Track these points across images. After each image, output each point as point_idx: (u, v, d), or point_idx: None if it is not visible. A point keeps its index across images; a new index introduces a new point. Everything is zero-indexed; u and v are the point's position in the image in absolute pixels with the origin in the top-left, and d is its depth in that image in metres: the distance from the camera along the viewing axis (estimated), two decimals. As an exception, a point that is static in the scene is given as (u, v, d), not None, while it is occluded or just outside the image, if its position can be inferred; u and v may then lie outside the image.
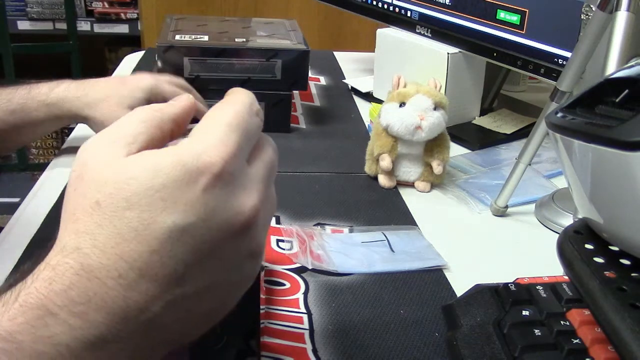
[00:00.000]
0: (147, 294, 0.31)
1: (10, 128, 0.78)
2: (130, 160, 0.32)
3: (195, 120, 0.36)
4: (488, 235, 0.73)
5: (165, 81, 0.84)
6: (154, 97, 0.81)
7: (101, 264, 0.30)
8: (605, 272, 0.39)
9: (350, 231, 0.71)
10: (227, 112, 0.35)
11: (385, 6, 1.09)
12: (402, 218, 0.75)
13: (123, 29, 2.30)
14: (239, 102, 0.36)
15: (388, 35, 1.06)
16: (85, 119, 0.81)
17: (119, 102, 0.80)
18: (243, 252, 0.34)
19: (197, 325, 0.35)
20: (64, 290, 0.30)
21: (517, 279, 0.54)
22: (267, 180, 0.36)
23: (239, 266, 0.34)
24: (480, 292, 0.53)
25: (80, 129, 0.95)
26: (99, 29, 2.30)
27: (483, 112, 1.04)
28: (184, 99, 0.38)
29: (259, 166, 0.35)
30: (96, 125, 0.80)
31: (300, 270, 0.63)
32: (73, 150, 0.88)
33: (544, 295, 0.50)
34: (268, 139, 0.38)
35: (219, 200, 0.32)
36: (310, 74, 1.02)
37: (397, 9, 1.07)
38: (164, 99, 0.81)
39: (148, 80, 0.82)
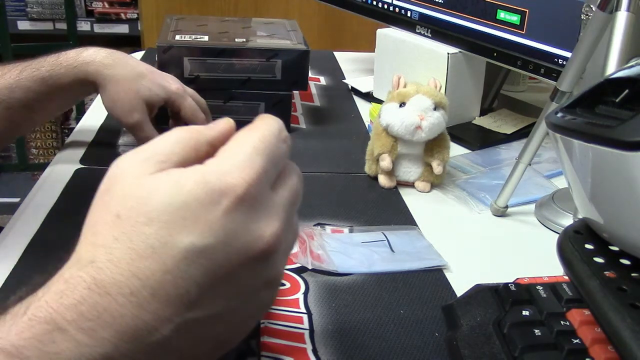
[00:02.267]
0: (157, 315, 0.30)
1: (41, 97, 0.78)
2: (156, 177, 0.32)
3: None
4: (488, 235, 0.73)
5: (190, 95, 0.83)
6: (170, 103, 0.81)
7: (114, 279, 0.30)
8: (605, 272, 0.39)
9: (350, 231, 0.71)
10: (255, 135, 0.34)
11: (385, 6, 1.09)
12: (402, 218, 0.75)
13: (123, 29, 2.31)
14: (267, 127, 0.35)
15: (388, 35, 1.06)
16: (100, 88, 0.79)
17: (138, 89, 0.79)
18: (260, 280, 0.33)
19: (207, 352, 0.34)
20: (74, 305, 0.30)
21: (517, 279, 0.54)
22: (291, 207, 0.35)
23: (254, 294, 0.33)
24: (480, 292, 0.53)
25: (80, 129, 0.95)
26: (99, 29, 2.30)
27: (483, 112, 1.04)
28: (223, 123, 0.36)
29: (283, 193, 0.35)
30: (105, 99, 0.79)
31: (300, 270, 0.63)
32: (73, 149, 0.88)
33: (544, 295, 0.50)
34: (294, 167, 0.37)
35: (240, 224, 0.31)
36: (310, 74, 1.01)
37: (397, 9, 1.07)
38: (177, 109, 0.81)
39: (175, 86, 0.81)
